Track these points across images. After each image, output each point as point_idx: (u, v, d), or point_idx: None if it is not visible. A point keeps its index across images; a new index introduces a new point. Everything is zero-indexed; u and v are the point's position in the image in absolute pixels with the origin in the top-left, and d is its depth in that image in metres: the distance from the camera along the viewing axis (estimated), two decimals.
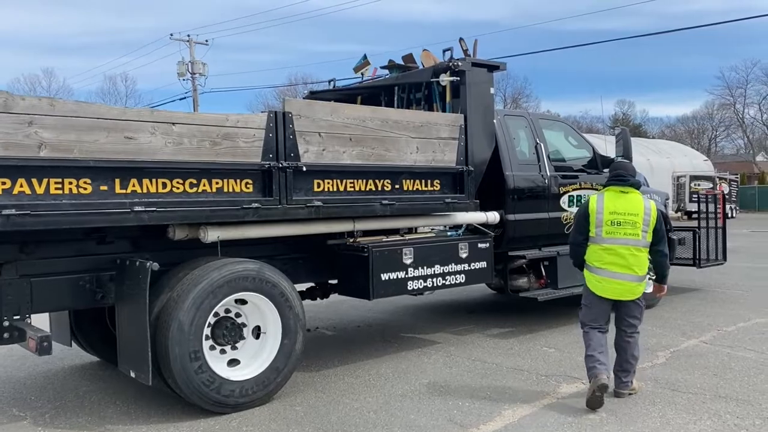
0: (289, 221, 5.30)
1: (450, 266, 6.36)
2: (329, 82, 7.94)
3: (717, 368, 5.73)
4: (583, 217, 5.08)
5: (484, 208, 6.87)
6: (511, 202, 7.18)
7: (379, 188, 5.76)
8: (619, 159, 7.97)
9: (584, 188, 7.99)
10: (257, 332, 5.15)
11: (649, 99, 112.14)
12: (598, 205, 5.00)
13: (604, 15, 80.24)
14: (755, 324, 7.48)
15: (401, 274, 5.96)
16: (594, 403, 4.76)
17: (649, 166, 34.70)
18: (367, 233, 6.11)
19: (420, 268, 6.10)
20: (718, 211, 9.86)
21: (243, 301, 5.07)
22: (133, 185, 4.49)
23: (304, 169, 5.17)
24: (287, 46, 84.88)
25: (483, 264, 6.66)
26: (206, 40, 36.62)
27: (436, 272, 6.24)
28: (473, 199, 6.49)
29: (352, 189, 5.58)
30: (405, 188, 5.96)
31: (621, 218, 4.90)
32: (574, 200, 7.85)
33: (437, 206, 6.22)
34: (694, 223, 10.17)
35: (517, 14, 77.91)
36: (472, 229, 6.86)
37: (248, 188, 4.97)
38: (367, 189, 5.68)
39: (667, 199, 9.23)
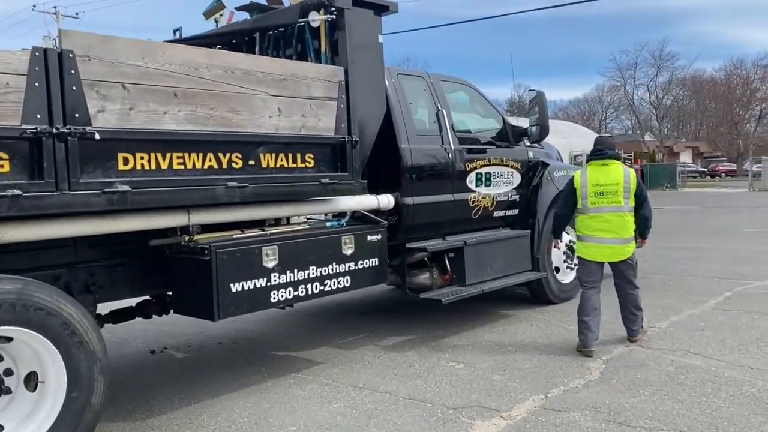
0: (79, 215, 3.59)
1: (330, 267, 4.85)
2: (174, 32, 6.16)
3: (665, 384, 4.56)
4: (570, 191, 5.62)
5: (374, 190, 5.43)
6: (408, 182, 5.75)
7: (224, 165, 4.13)
8: (534, 128, 6.75)
9: (494, 164, 6.69)
10: (34, 382, 3.43)
11: (543, 83, 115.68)
12: (582, 180, 5.53)
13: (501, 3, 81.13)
14: (689, 317, 6.48)
15: (261, 282, 4.39)
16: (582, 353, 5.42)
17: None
18: (213, 228, 4.47)
19: (288, 272, 4.55)
20: None
21: (8, 338, 3.34)
22: None
23: (98, 137, 3.45)
24: (169, 25, 79.72)
25: (374, 261, 5.20)
26: (76, 13, 33.13)
27: (311, 276, 4.71)
28: (359, 179, 4.99)
29: (182, 167, 3.92)
30: (263, 165, 4.37)
31: (603, 189, 5.42)
32: (483, 179, 6.53)
33: (311, 189, 4.67)
34: None
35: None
36: (359, 217, 5.37)
37: (1, 167, 3.22)
38: (206, 166, 4.04)
39: None
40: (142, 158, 3.70)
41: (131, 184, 3.60)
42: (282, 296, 4.53)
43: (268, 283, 4.44)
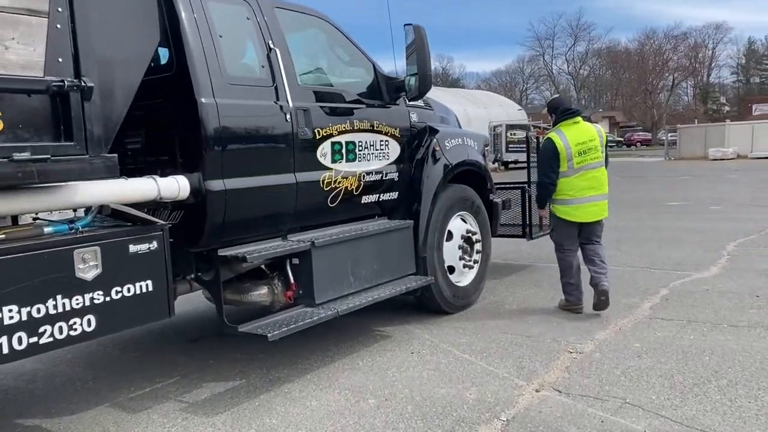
0: None
1: (52, 303, 2.87)
2: None
3: None
4: (554, 156, 5.32)
5: (155, 169, 3.48)
6: (214, 156, 3.76)
7: None
8: (412, 79, 4.92)
9: (360, 130, 4.81)
10: None
11: (466, 54, 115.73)
12: (564, 142, 5.30)
13: None
14: (620, 333, 4.87)
15: None
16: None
17: (467, 117, 33.47)
18: None
19: None
20: None
21: None
22: None
23: None
24: None
25: (144, 285, 3.25)
26: None
27: (6, 323, 2.72)
28: (103, 152, 3.01)
29: None
30: None
31: (585, 146, 5.30)
32: (343, 151, 4.64)
33: None
34: (516, 176, 7.56)
35: None
36: (115, 215, 3.38)
37: None
38: None
39: (486, 145, 6.44)
40: None
41: None
42: None
43: None
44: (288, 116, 4.18)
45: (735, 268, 6.89)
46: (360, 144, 4.80)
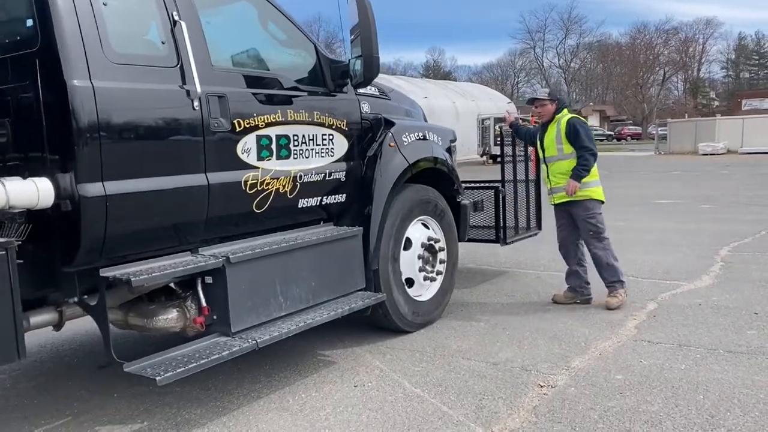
0: None
1: None
2: None
3: None
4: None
5: (22, 169, 2.75)
6: (91, 153, 2.98)
7: None
8: (356, 62, 4.18)
9: (297, 122, 4.05)
10: None
11: (458, 47, 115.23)
12: None
13: None
14: (599, 360, 4.15)
15: None
16: None
17: (455, 110, 32.85)
18: None
19: None
20: (530, 155, 6.55)
21: None
22: None
23: None
24: None
25: None
26: None
27: None
28: None
29: None
30: None
31: None
32: (273, 146, 3.88)
33: None
34: (497, 173, 6.80)
35: None
36: None
37: None
38: None
39: (453, 141, 5.67)
40: None
41: None
42: None
43: None
44: (196, 103, 3.42)
45: (730, 277, 6.20)
46: (295, 138, 4.05)
